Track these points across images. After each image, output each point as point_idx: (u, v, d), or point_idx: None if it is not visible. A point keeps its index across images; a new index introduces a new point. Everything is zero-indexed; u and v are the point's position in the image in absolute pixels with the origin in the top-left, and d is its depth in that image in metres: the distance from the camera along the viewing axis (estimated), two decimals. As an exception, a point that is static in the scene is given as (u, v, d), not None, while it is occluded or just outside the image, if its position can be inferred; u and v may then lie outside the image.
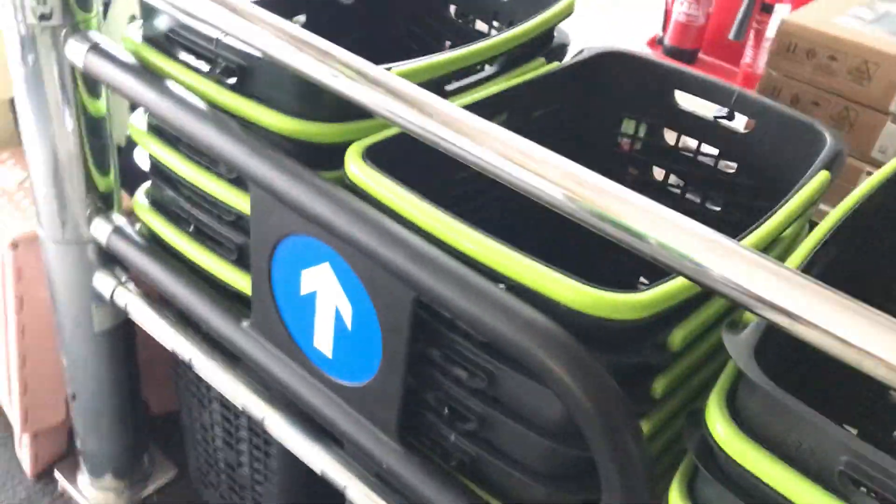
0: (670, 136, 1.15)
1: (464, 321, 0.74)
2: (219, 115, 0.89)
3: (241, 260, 0.99)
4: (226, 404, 1.21)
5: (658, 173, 1.18)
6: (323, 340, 0.88)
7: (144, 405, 1.51)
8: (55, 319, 1.24)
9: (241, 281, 0.99)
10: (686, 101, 1.13)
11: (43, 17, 0.94)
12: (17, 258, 1.29)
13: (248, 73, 0.90)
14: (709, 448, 0.67)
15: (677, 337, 0.75)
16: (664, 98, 1.12)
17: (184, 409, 1.36)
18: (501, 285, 0.72)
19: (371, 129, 0.88)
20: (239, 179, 0.95)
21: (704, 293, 0.73)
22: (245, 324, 0.98)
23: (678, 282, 0.71)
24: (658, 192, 1.16)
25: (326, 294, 0.85)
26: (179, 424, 1.40)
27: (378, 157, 0.83)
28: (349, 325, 0.84)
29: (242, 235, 0.97)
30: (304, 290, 0.87)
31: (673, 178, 1.16)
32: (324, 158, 0.87)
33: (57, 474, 1.47)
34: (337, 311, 0.85)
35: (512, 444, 0.81)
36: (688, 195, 1.15)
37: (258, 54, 0.85)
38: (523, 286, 0.72)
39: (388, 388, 0.84)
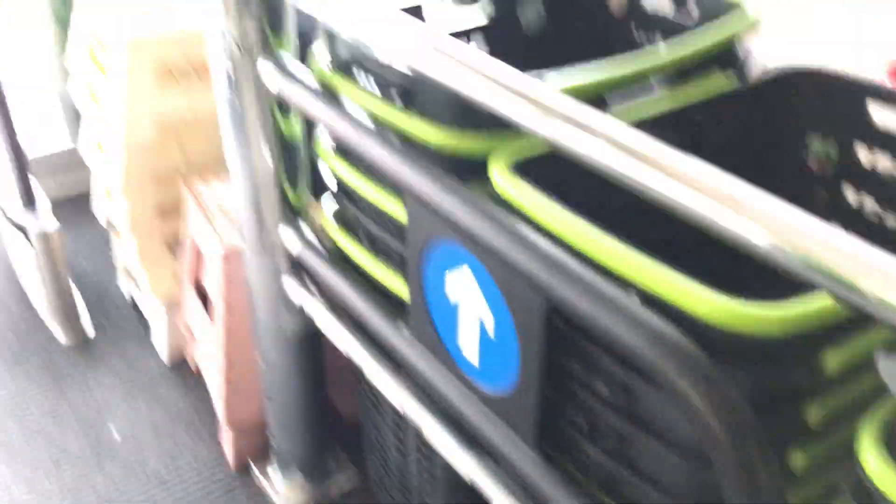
0: (866, 156, 1.05)
1: (593, 330, 0.72)
2: (382, 130, 0.95)
3: (404, 269, 1.04)
4: (397, 411, 1.26)
5: (852, 196, 1.09)
6: (468, 347, 0.90)
7: (334, 410, 1.61)
8: (252, 324, 1.36)
9: (403, 289, 1.03)
10: (883, 117, 1.03)
11: (241, 44, 1.05)
12: (227, 267, 1.44)
13: (410, 90, 0.95)
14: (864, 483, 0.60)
15: (833, 360, 0.69)
16: (858, 114, 1.03)
17: (363, 415, 1.43)
18: (634, 296, 0.70)
19: (526, 142, 0.90)
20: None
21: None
22: (405, 330, 1.02)
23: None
24: (852, 218, 1.06)
25: (469, 302, 0.87)
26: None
27: (525, 168, 0.84)
28: (491, 333, 0.85)
29: (404, 248, 1.02)
30: (451, 297, 0.90)
31: (868, 203, 1.06)
32: (479, 170, 0.89)
33: (253, 468, 1.61)
34: (479, 319, 0.86)
35: (653, 465, 0.78)
36: (887, 223, 1.04)
37: (417, 73, 0.89)
38: (657, 297, 0.69)
39: (526, 399, 0.84)
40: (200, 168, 1.73)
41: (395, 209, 1.01)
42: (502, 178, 0.83)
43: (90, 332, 1.97)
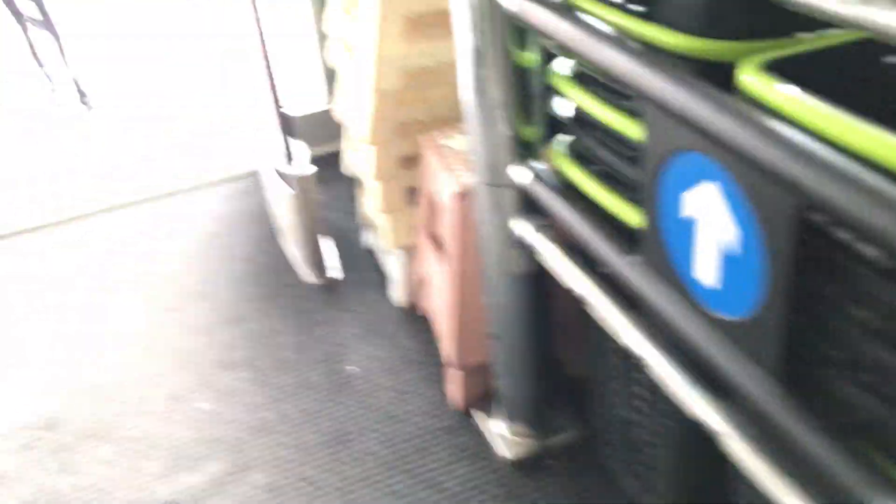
0: None
1: (855, 232, 0.63)
2: (622, 40, 0.90)
3: (636, 197, 0.99)
4: (623, 355, 1.21)
5: None
6: (703, 268, 0.83)
7: (560, 364, 1.58)
8: (482, 262, 1.37)
9: (635, 217, 0.99)
10: None
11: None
12: (460, 207, 1.46)
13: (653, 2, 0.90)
14: None
15: None
16: None
17: (590, 366, 1.39)
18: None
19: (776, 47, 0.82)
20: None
21: None
22: (633, 257, 0.97)
23: None
24: None
25: (709, 216, 0.80)
26: (587, 388, 1.44)
27: (777, 69, 0.76)
28: (732, 251, 0.78)
29: (640, 171, 0.97)
30: (687, 212, 0.83)
31: None
32: (723, 80, 0.83)
33: (477, 411, 1.62)
34: (721, 236, 0.79)
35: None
36: None
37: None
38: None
39: (771, 323, 0.75)
40: (441, 120, 1.78)
41: (633, 132, 0.96)
42: (754, 76, 0.76)
43: (335, 275, 2.10)
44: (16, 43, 3.44)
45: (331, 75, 2.58)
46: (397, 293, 1.97)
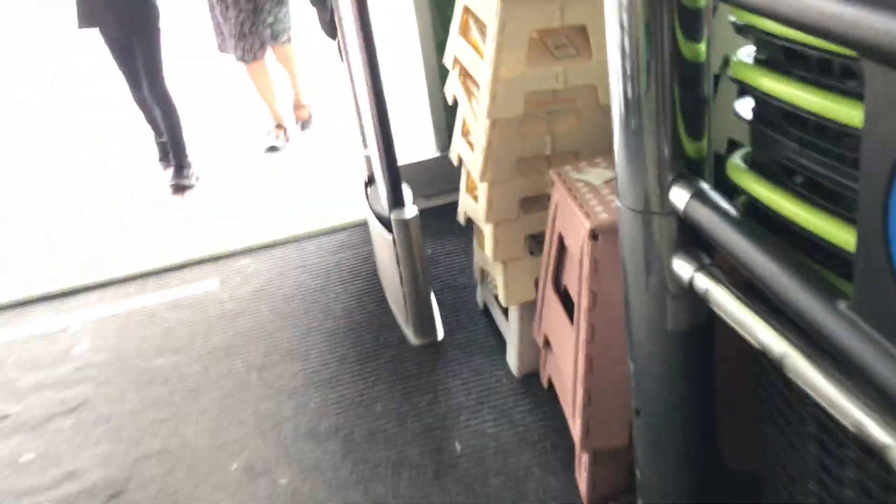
0: None
1: None
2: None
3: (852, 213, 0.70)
4: (825, 445, 0.89)
5: None
6: None
7: (720, 456, 1.26)
8: (625, 313, 1.08)
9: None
10: None
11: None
12: (595, 249, 1.19)
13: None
14: None
15: None
16: None
17: (766, 457, 1.07)
18: None
19: None
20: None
21: None
22: (842, 305, 0.67)
23: None
24: None
25: None
26: (758, 487, 1.12)
27: None
28: None
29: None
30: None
31: None
32: None
33: (612, 508, 1.31)
34: None
35: None
36: None
37: None
38: None
39: None
40: (570, 157, 1.52)
41: (857, 117, 0.68)
42: None
43: (440, 334, 1.84)
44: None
45: (445, 125, 2.41)
46: (514, 359, 1.68)
